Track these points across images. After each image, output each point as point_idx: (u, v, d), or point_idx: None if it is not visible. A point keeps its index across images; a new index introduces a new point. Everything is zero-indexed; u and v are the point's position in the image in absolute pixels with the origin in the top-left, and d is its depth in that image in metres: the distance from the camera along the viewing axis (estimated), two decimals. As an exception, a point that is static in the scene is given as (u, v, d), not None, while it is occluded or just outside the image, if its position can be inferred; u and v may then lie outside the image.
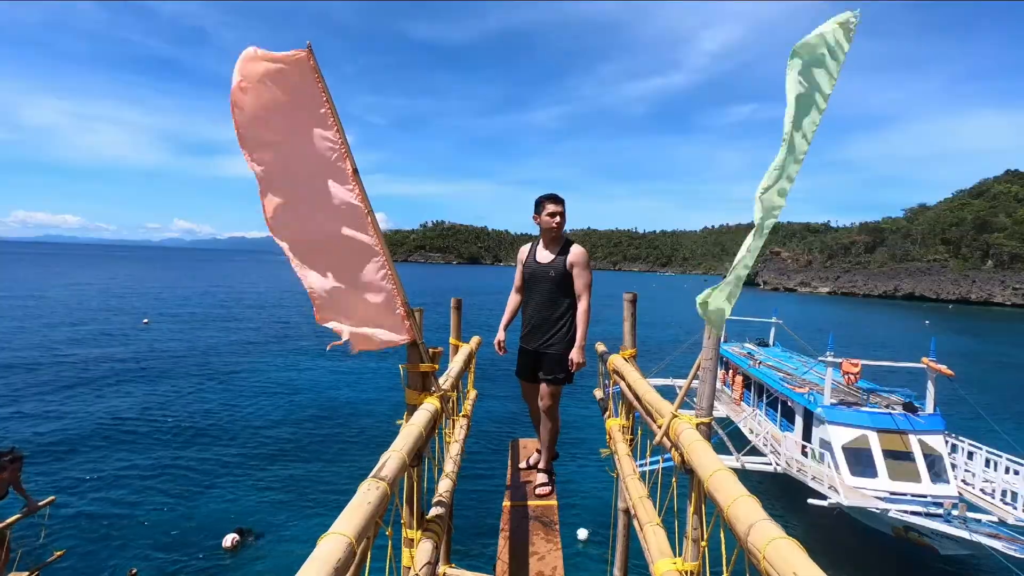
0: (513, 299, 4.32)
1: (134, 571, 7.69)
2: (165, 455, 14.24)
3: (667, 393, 2.86)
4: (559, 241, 4.07)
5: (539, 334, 4.07)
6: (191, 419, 17.13)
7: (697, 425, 2.18)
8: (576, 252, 3.99)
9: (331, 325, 2.37)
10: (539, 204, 4.01)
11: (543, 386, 4.10)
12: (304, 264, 2.27)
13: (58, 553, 8.13)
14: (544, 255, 4.07)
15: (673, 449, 2.27)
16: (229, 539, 10.29)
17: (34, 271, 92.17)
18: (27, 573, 7.44)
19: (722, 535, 1.79)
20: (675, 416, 2.34)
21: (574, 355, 3.93)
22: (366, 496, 1.56)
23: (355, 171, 2.23)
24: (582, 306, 3.99)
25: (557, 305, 4.02)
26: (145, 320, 36.92)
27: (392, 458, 1.89)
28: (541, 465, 4.37)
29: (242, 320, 40.53)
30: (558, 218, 3.95)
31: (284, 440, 15.80)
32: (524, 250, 4.26)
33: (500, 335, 4.31)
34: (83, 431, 15.61)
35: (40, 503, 7.90)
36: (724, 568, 1.74)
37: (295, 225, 2.20)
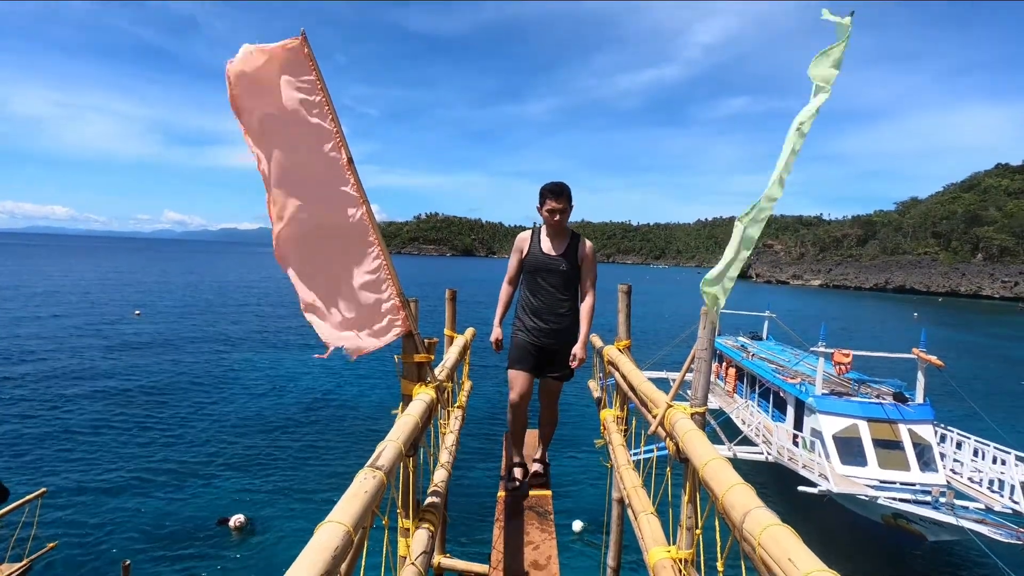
0: (506, 291, 4.07)
1: (127, 563, 7.68)
2: (158, 446, 14.19)
3: (661, 386, 2.89)
4: (565, 233, 3.91)
5: (550, 330, 3.88)
6: (185, 409, 17.06)
7: (692, 415, 2.20)
8: (588, 247, 3.88)
9: (321, 332, 2.35)
10: (541, 196, 3.84)
11: (549, 382, 4.00)
12: (299, 264, 2.25)
13: (50, 545, 8.11)
14: (552, 247, 3.87)
15: (668, 438, 2.28)
16: (234, 520, 10.51)
17: (22, 262, 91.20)
18: (19, 564, 7.43)
19: (716, 523, 1.80)
20: (670, 406, 2.35)
21: (577, 351, 3.81)
22: (363, 485, 1.56)
23: (350, 160, 2.22)
24: (588, 302, 3.88)
25: (567, 300, 3.89)
26: (137, 312, 36.67)
27: (388, 448, 1.89)
28: (536, 455, 4.25)
29: (236, 311, 40.33)
30: (557, 216, 3.78)
31: (280, 430, 15.78)
32: (524, 239, 4.00)
33: (497, 332, 4.08)
34: (75, 423, 15.53)
35: (31, 495, 7.88)
36: (719, 555, 1.76)
37: (294, 218, 2.18)
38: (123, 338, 27.74)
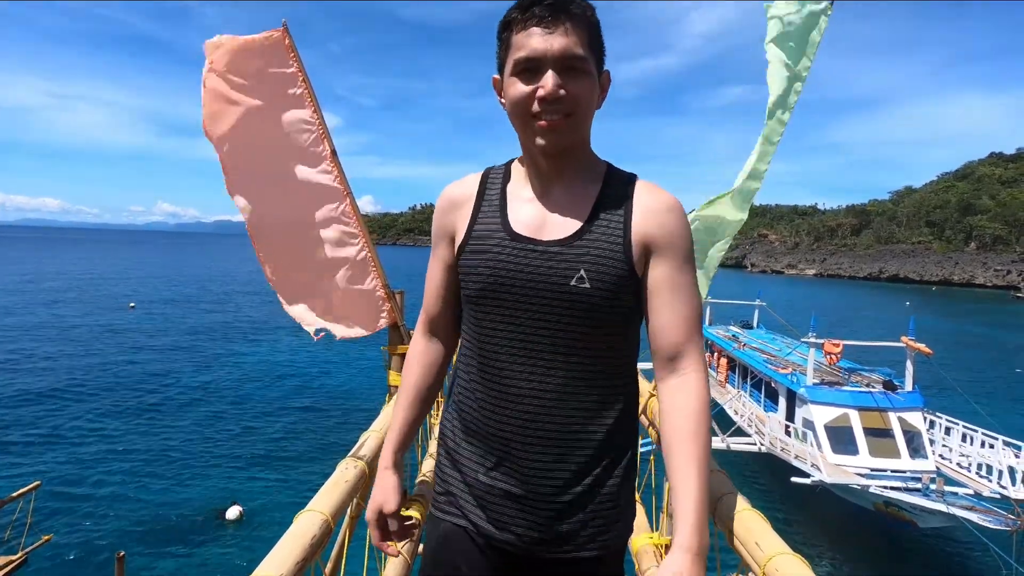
0: (419, 361, 1.40)
1: (121, 554, 7.70)
2: (152, 439, 14.21)
3: (652, 376, 2.89)
4: (584, 166, 1.16)
5: (547, 503, 1.11)
6: (179, 402, 17.07)
7: (673, 403, 2.22)
8: (668, 205, 1.11)
9: (295, 312, 2.36)
10: (504, 30, 1.08)
11: None
12: (271, 254, 2.26)
13: (45, 538, 8.14)
14: (545, 214, 1.12)
15: (650, 427, 2.31)
16: (230, 511, 10.54)
17: (14, 255, 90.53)
18: (15, 557, 7.46)
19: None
20: (652, 395, 2.38)
21: (682, 568, 0.94)
22: (343, 475, 1.58)
23: (333, 152, 2.22)
24: (696, 392, 1.10)
25: (594, 380, 1.12)
26: (131, 304, 36.53)
27: (371, 438, 1.91)
28: None
29: (229, 304, 40.23)
30: (549, 89, 1.01)
31: (272, 422, 15.82)
32: (458, 200, 1.23)
33: (385, 496, 1.28)
34: (68, 415, 15.51)
35: (26, 488, 7.90)
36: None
37: (265, 209, 2.18)
38: (117, 330, 27.66)
